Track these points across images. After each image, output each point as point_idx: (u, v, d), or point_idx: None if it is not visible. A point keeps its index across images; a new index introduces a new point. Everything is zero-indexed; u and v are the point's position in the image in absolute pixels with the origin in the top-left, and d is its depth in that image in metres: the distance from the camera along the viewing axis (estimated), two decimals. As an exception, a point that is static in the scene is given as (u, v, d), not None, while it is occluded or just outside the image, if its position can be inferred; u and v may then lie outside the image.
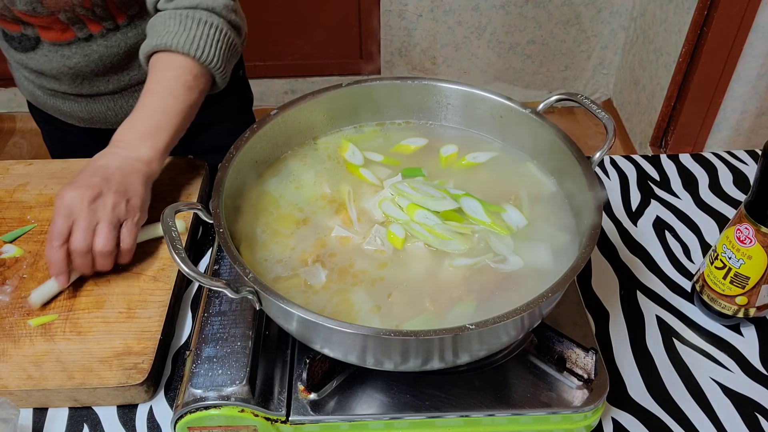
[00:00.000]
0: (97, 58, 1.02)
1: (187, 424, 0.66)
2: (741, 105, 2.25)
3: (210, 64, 0.90)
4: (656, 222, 0.98)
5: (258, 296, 0.62)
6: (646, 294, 0.88)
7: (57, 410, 0.75)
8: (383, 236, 0.72)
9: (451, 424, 0.67)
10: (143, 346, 0.77)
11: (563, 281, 0.60)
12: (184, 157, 1.02)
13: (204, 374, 0.66)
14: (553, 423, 0.68)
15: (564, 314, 0.74)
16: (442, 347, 0.60)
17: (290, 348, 0.72)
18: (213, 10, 0.90)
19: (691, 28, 2.15)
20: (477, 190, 0.77)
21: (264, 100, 2.80)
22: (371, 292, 0.68)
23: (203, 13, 0.89)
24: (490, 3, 2.61)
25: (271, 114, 0.79)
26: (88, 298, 0.82)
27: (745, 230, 0.75)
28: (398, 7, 2.61)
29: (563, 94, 0.77)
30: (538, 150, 0.80)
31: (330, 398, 0.67)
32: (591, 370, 0.67)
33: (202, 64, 0.89)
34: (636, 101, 2.62)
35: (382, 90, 0.84)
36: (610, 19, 2.67)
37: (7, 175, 1.00)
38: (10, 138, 2.77)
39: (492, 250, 0.71)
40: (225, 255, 0.77)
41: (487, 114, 0.83)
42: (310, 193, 0.79)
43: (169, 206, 0.65)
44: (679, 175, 1.06)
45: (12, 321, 0.79)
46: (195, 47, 0.88)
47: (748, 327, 0.84)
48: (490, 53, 2.77)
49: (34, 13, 0.94)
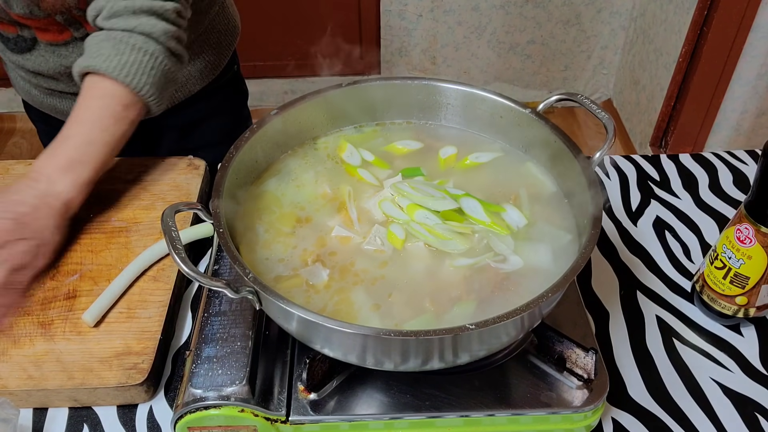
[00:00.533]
0: None
1: (187, 424, 0.66)
2: (741, 105, 2.25)
3: (141, 92, 0.85)
4: (656, 222, 0.98)
5: (258, 296, 0.62)
6: (646, 294, 0.88)
7: (57, 410, 0.75)
8: (383, 236, 0.72)
9: (451, 424, 0.67)
10: (143, 346, 0.77)
11: (563, 281, 0.60)
12: (185, 157, 1.02)
13: (204, 374, 0.66)
14: (553, 423, 0.68)
15: (564, 314, 0.74)
16: (442, 347, 0.60)
17: (290, 348, 0.72)
18: (150, 35, 0.85)
19: (691, 28, 2.15)
20: (477, 190, 0.77)
21: (264, 100, 2.80)
22: (371, 291, 0.68)
23: (139, 39, 0.85)
24: (490, 3, 2.61)
25: (271, 114, 0.79)
26: (88, 298, 0.81)
27: (745, 230, 0.75)
28: (398, 7, 2.61)
29: (563, 94, 0.77)
30: (538, 150, 0.80)
31: (330, 398, 0.67)
32: (591, 370, 0.67)
33: (133, 92, 0.85)
34: (636, 101, 2.62)
35: (382, 90, 0.84)
36: (610, 19, 2.67)
37: (7, 175, 1.00)
38: (10, 138, 2.77)
39: (492, 250, 0.71)
40: (225, 255, 0.77)
41: (487, 114, 0.83)
42: (311, 193, 0.79)
43: (169, 206, 0.65)
44: (679, 175, 1.06)
45: (12, 321, 0.79)
46: (125, 73, 0.83)
47: (748, 327, 0.84)
48: (490, 53, 2.77)
49: (30, 16, 0.94)
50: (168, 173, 0.99)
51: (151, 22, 0.85)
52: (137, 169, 0.99)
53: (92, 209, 0.92)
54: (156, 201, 0.95)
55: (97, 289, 0.83)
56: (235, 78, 1.26)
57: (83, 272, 0.85)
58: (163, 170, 1.00)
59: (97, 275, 0.85)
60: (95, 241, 0.89)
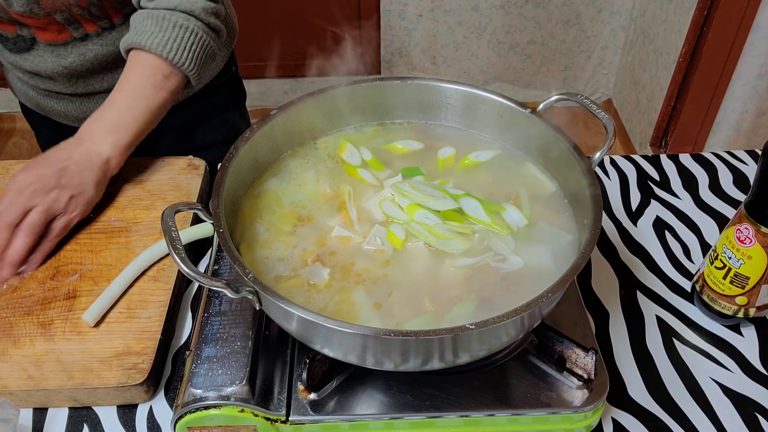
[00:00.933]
0: (92, 57, 1.02)
1: (187, 424, 0.66)
2: (741, 105, 2.25)
3: (182, 67, 0.92)
4: (656, 222, 0.98)
5: (258, 296, 0.62)
6: (646, 294, 0.88)
7: (57, 410, 0.75)
8: (383, 236, 0.72)
9: (451, 424, 0.67)
10: (143, 346, 0.77)
11: (563, 281, 0.60)
12: (184, 157, 1.02)
13: (204, 374, 0.66)
14: (553, 423, 0.68)
15: (564, 314, 0.74)
16: (442, 347, 0.60)
17: (290, 348, 0.72)
18: (191, 12, 0.92)
19: (691, 28, 2.15)
20: (477, 190, 0.77)
21: (264, 100, 2.80)
22: (372, 291, 0.68)
23: (180, 16, 0.91)
24: (490, 3, 2.61)
25: (271, 114, 0.79)
26: (88, 298, 0.81)
27: (745, 230, 0.75)
28: (398, 7, 2.61)
29: (563, 94, 0.77)
30: (538, 150, 0.80)
31: (330, 398, 0.67)
32: (591, 370, 0.67)
33: (174, 66, 0.92)
34: (636, 101, 2.62)
35: (382, 90, 0.84)
36: (610, 19, 2.67)
37: (7, 175, 1.00)
38: (10, 138, 2.77)
39: (492, 250, 0.71)
40: (225, 255, 0.77)
41: (487, 114, 0.83)
42: (311, 192, 0.79)
43: (169, 206, 0.65)
44: (679, 175, 1.06)
45: (12, 321, 0.79)
46: (168, 49, 0.90)
47: (748, 327, 0.84)
48: (490, 53, 2.77)
49: (30, 14, 0.94)
50: (168, 173, 0.99)
51: (191, 0, 0.92)
52: (137, 169, 0.99)
53: (92, 209, 0.93)
54: (156, 201, 0.95)
55: (97, 289, 0.83)
56: (233, 78, 1.27)
57: (83, 272, 0.85)
58: (163, 170, 1.00)
59: (97, 275, 0.85)
60: (95, 241, 0.89)
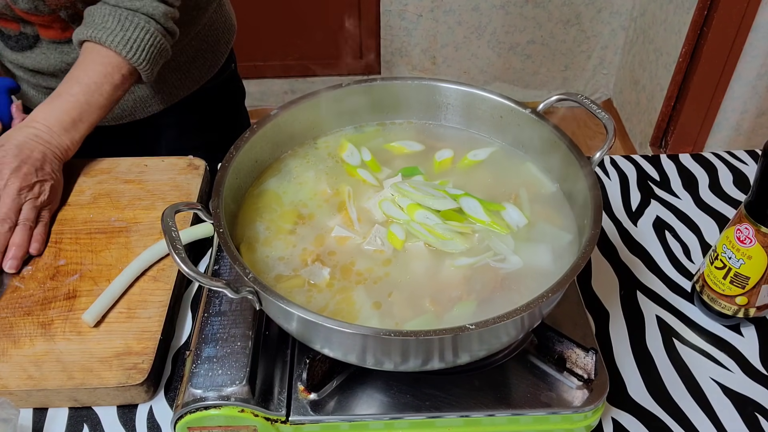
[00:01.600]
0: None
1: (187, 424, 0.66)
2: (741, 105, 2.25)
3: (140, 66, 0.95)
4: (656, 222, 0.98)
5: (258, 296, 0.62)
6: (646, 294, 0.88)
7: (57, 410, 0.75)
8: (383, 236, 0.72)
9: (451, 424, 0.67)
10: (143, 346, 0.77)
11: (563, 281, 0.60)
12: (184, 157, 1.02)
13: (204, 374, 0.66)
14: (553, 423, 0.68)
15: (564, 314, 0.74)
16: (442, 347, 0.60)
17: (290, 348, 0.72)
18: (152, 16, 0.95)
19: (691, 28, 2.15)
20: (477, 190, 0.77)
21: (264, 100, 2.80)
22: (372, 291, 0.68)
23: (142, 18, 0.94)
24: (490, 3, 2.61)
25: (271, 114, 0.79)
26: (88, 298, 0.81)
27: (745, 230, 0.75)
28: (398, 7, 2.62)
29: (563, 94, 0.77)
30: (538, 150, 0.80)
31: (330, 398, 0.67)
32: (591, 370, 0.67)
33: (130, 64, 0.95)
34: (636, 101, 2.62)
35: (382, 90, 0.84)
36: (610, 19, 2.67)
37: (7, 175, 1.00)
38: (10, 138, 2.76)
39: (492, 250, 0.71)
40: (225, 255, 0.77)
41: (487, 114, 0.83)
42: (311, 192, 0.79)
43: (169, 206, 0.65)
44: (679, 175, 1.06)
45: (12, 321, 0.79)
46: (128, 49, 0.93)
47: (748, 327, 0.84)
48: (490, 53, 2.77)
49: (35, 12, 0.94)
50: (168, 173, 0.99)
51: (153, 4, 0.95)
52: (137, 169, 0.99)
53: (92, 209, 0.93)
54: (156, 201, 0.95)
55: (97, 289, 0.83)
56: (232, 77, 1.27)
57: (83, 272, 0.85)
58: (163, 170, 1.00)
59: (97, 275, 0.85)
60: (95, 241, 0.89)
